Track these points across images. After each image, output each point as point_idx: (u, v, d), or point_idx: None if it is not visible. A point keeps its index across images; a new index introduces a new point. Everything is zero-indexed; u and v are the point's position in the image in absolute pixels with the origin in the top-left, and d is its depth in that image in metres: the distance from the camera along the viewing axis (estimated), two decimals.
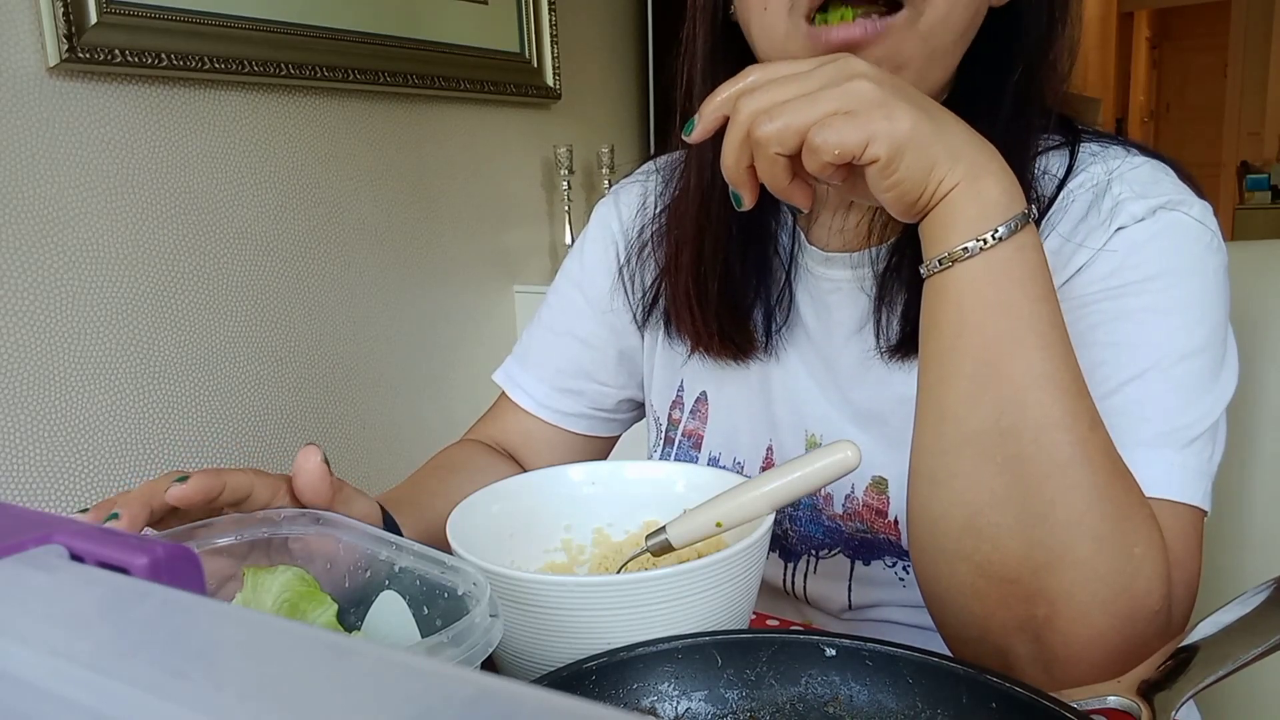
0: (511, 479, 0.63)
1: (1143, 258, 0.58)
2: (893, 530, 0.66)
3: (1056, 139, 0.65)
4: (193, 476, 0.47)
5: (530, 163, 2.17)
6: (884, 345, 0.65)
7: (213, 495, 0.48)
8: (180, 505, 0.47)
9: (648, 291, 0.78)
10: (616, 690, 0.44)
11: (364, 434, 1.83)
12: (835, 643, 0.45)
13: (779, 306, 0.71)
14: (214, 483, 0.48)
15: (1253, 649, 0.40)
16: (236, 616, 0.20)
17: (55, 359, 1.39)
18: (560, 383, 0.83)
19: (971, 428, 0.49)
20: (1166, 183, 0.61)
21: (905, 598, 0.67)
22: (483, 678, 0.17)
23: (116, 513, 0.45)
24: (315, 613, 0.46)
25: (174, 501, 0.47)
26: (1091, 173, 0.62)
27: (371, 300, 1.84)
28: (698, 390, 0.77)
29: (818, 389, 0.70)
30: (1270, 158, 6.27)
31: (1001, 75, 0.61)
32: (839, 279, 0.69)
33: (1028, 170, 0.61)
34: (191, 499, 0.47)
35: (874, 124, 0.46)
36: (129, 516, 0.45)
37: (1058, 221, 0.62)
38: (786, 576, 0.72)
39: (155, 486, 0.47)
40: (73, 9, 1.32)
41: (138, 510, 0.46)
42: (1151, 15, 8.25)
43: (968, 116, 0.51)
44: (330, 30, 1.68)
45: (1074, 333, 0.52)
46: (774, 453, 0.73)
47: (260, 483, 0.51)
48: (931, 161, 0.48)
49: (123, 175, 1.45)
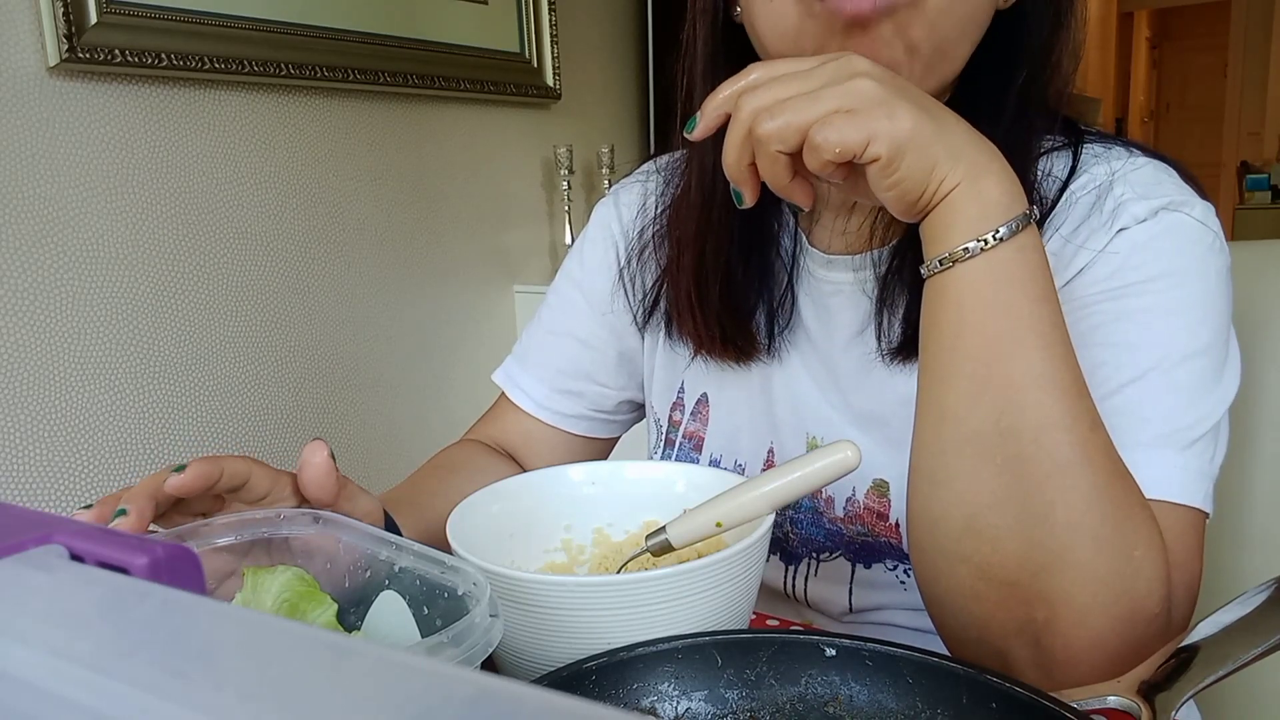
0: (511, 479, 0.63)
1: (1144, 259, 0.58)
2: (894, 533, 0.66)
3: (1059, 140, 0.64)
4: (190, 465, 0.47)
5: (530, 163, 2.17)
6: (885, 347, 0.65)
7: (211, 482, 0.48)
8: (180, 494, 0.47)
9: (648, 293, 0.78)
10: (616, 690, 0.44)
11: (364, 434, 1.83)
12: (835, 643, 0.45)
13: (781, 309, 0.71)
14: (211, 469, 0.48)
15: (1253, 649, 0.40)
16: (236, 616, 0.20)
17: (55, 359, 1.39)
18: (560, 384, 0.83)
19: (971, 428, 0.49)
20: (1169, 184, 0.61)
21: (906, 601, 0.67)
22: (483, 678, 0.17)
23: (124, 509, 0.45)
24: (315, 613, 0.46)
25: (173, 491, 0.47)
26: (1094, 174, 0.62)
27: (371, 300, 1.84)
28: (698, 392, 0.77)
29: (819, 391, 0.70)
30: (1270, 158, 6.26)
31: (1006, 76, 0.61)
32: (840, 281, 0.69)
33: (1031, 171, 0.61)
34: (191, 487, 0.47)
35: (875, 123, 0.46)
36: (136, 511, 0.45)
37: (1060, 223, 0.62)
38: (787, 579, 0.72)
39: (157, 480, 0.47)
40: (73, 9, 1.32)
41: (144, 504, 0.46)
42: (1151, 15, 8.25)
43: (971, 117, 0.51)
44: (330, 30, 1.68)
45: (1075, 333, 0.52)
46: (775, 455, 0.73)
47: (258, 471, 0.51)
48: (933, 161, 0.48)
49: (123, 175, 1.45)
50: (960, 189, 0.49)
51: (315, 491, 0.52)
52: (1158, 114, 8.61)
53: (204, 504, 0.52)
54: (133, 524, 0.45)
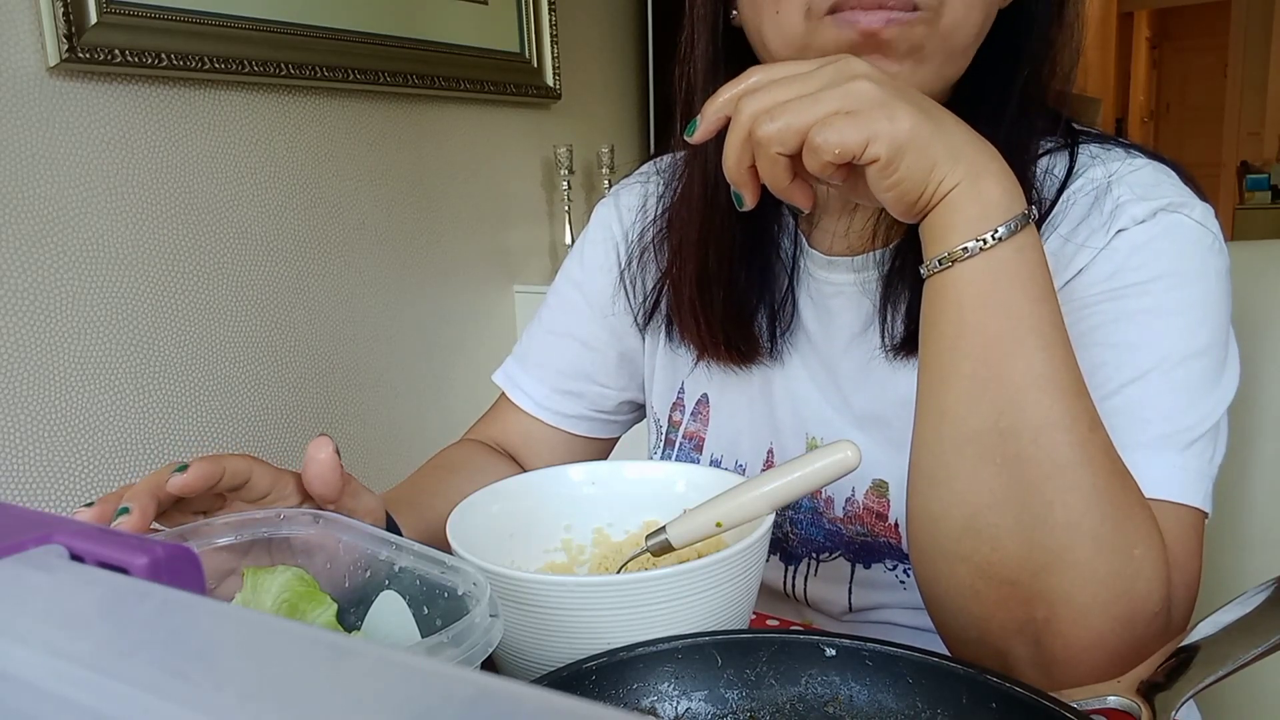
0: (511, 479, 0.63)
1: (1143, 259, 0.58)
2: (893, 533, 0.66)
3: (1057, 141, 0.65)
4: (192, 464, 0.47)
5: (530, 163, 2.17)
6: (889, 344, 0.65)
7: (213, 481, 0.48)
8: (182, 494, 0.47)
9: (649, 296, 0.78)
10: (616, 690, 0.44)
11: (364, 434, 1.84)
12: (835, 643, 0.45)
13: (782, 311, 0.71)
14: (214, 469, 0.48)
15: (1253, 649, 0.40)
16: (236, 616, 0.20)
17: (55, 359, 1.39)
18: (560, 384, 0.83)
19: (971, 428, 0.49)
20: (1167, 185, 0.61)
21: (906, 600, 0.67)
22: (483, 678, 0.17)
23: (127, 507, 0.45)
24: (315, 613, 0.46)
25: (176, 490, 0.47)
26: (1092, 175, 0.62)
27: (371, 300, 1.84)
28: (699, 393, 0.77)
29: (819, 392, 0.70)
30: (1270, 158, 6.26)
31: (1005, 75, 0.61)
32: (841, 282, 0.69)
33: (1030, 171, 0.61)
34: (193, 486, 0.47)
35: (875, 124, 0.46)
36: (139, 509, 0.45)
37: (1059, 223, 0.62)
38: (787, 579, 0.72)
39: (159, 478, 0.47)
40: (73, 9, 1.32)
41: (146, 502, 0.46)
42: (1151, 15, 8.25)
43: (970, 117, 0.51)
44: (330, 30, 1.68)
45: (1074, 334, 0.52)
46: (775, 456, 0.73)
47: (259, 470, 0.51)
48: (932, 161, 0.48)
49: (123, 175, 1.45)
50: (959, 189, 0.49)
51: (320, 488, 0.52)
52: (1158, 114, 8.61)
53: (205, 502, 0.52)
54: (135, 522, 0.45)
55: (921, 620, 0.65)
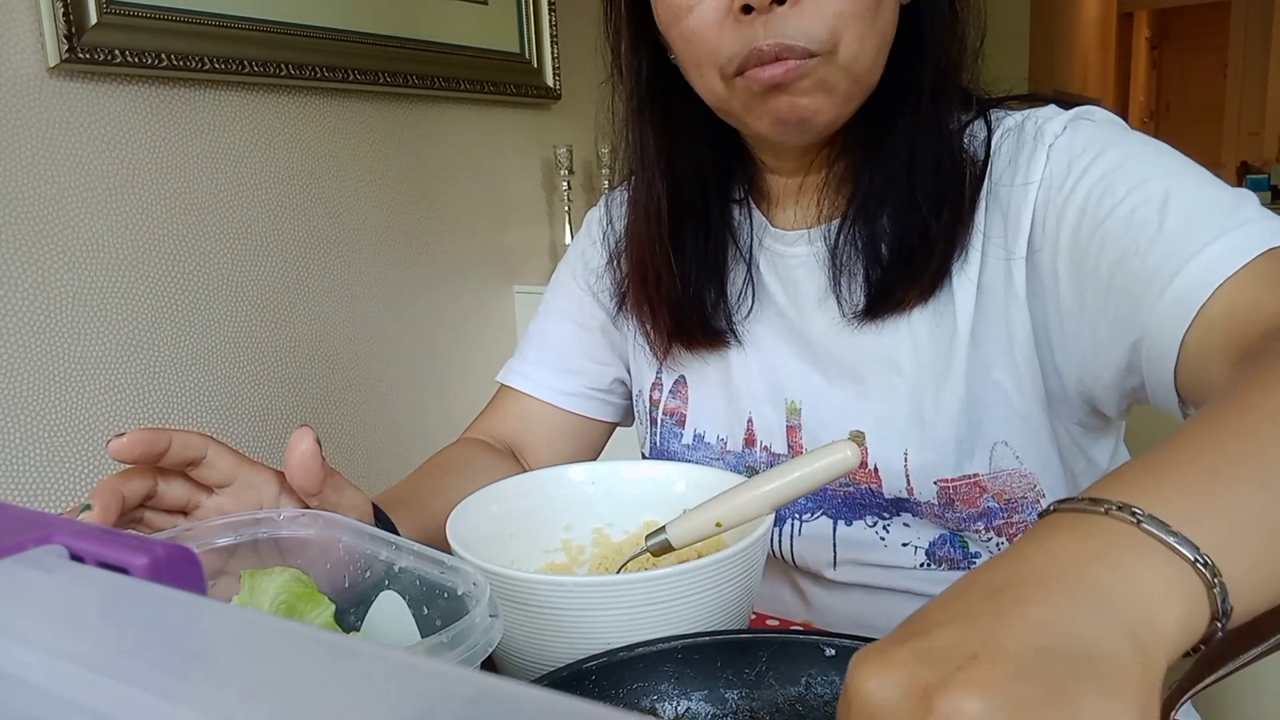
0: (511, 479, 0.63)
1: (1084, 144, 0.61)
2: (874, 478, 0.69)
3: (973, 114, 0.68)
4: (130, 431, 0.47)
5: (530, 163, 2.17)
6: (849, 311, 0.69)
7: (156, 448, 0.48)
8: (121, 459, 0.47)
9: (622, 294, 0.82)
10: (616, 690, 0.44)
11: (364, 434, 1.83)
12: (835, 643, 0.45)
13: (743, 298, 0.75)
14: (156, 436, 0.48)
15: (1253, 649, 0.40)
16: (236, 616, 0.21)
17: (55, 359, 1.39)
18: (560, 364, 0.85)
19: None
20: (1069, 109, 0.65)
21: (886, 558, 0.70)
22: (483, 678, 0.17)
23: (89, 504, 0.45)
24: (312, 614, 0.46)
25: (113, 454, 0.46)
26: (1007, 124, 0.67)
27: (371, 300, 1.84)
28: (676, 375, 0.80)
29: (794, 358, 0.73)
30: (1270, 158, 6.26)
31: (916, 66, 0.64)
32: (802, 255, 0.73)
33: (955, 143, 0.65)
34: (132, 452, 0.47)
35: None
36: (100, 504, 0.45)
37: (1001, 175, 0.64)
38: (774, 541, 0.75)
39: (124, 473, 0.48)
40: (73, 9, 1.32)
41: (108, 497, 0.46)
42: (1151, 15, 8.26)
43: (892, 108, 0.54)
44: (330, 30, 1.68)
45: (1094, 237, 0.56)
46: (754, 424, 0.75)
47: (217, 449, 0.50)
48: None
49: (123, 175, 1.45)
50: (1128, 654, 0.29)
51: (300, 479, 0.51)
52: (1158, 114, 8.61)
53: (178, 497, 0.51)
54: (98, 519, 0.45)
55: (900, 581, 0.69)
